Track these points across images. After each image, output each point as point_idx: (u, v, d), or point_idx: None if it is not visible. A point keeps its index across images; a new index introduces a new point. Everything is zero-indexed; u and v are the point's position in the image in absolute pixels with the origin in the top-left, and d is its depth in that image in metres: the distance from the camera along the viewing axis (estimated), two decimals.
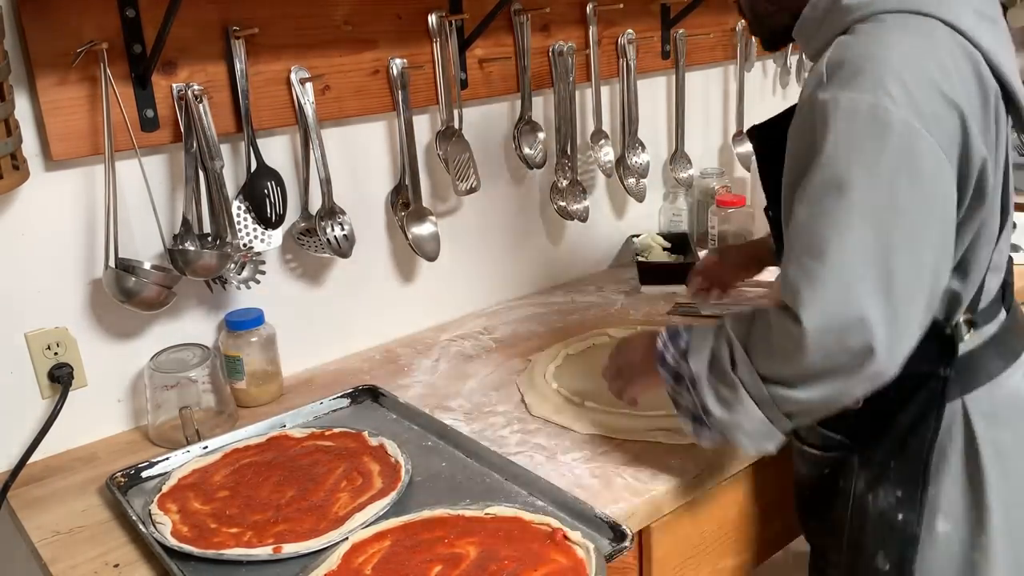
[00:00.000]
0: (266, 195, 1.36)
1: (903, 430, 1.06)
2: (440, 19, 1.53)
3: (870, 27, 0.93)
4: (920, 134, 0.87)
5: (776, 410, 0.98)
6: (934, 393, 1.03)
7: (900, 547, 1.07)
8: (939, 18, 0.93)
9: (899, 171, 0.88)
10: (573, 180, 1.80)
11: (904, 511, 1.07)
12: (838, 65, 0.92)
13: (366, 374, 1.51)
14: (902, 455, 1.06)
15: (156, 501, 1.11)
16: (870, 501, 1.09)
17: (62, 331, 1.27)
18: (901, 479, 1.06)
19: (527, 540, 1.00)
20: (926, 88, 0.89)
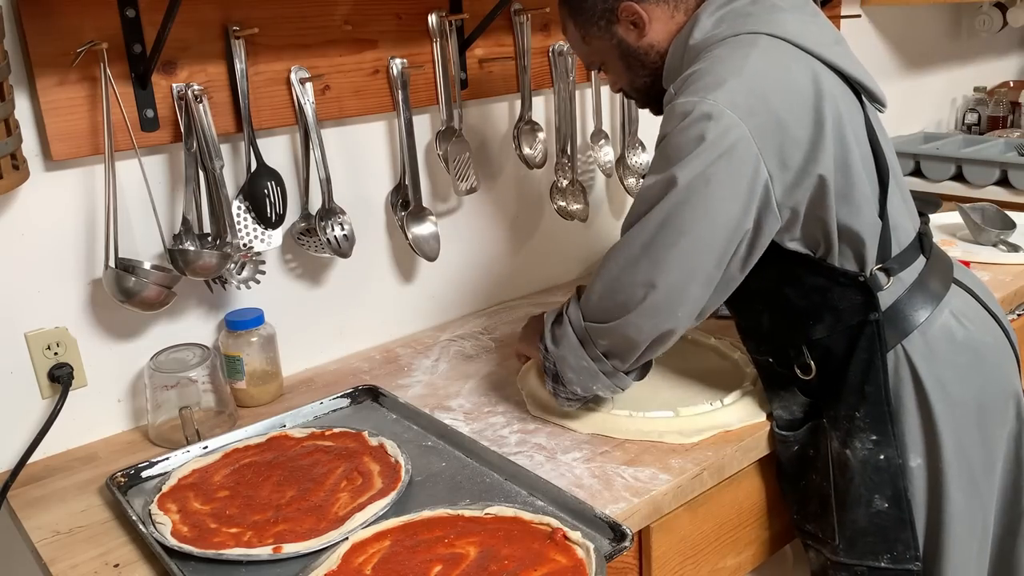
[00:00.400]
0: (266, 195, 1.36)
1: (857, 381, 1.16)
2: (440, 19, 1.53)
3: (707, 51, 1.11)
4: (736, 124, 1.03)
5: (592, 346, 1.16)
6: (872, 340, 1.15)
7: (891, 483, 1.17)
8: (765, 33, 1.09)
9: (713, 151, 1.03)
10: (573, 180, 1.80)
11: (883, 450, 1.17)
12: (681, 82, 1.10)
13: (366, 374, 1.51)
14: (865, 403, 1.17)
15: (156, 501, 1.11)
16: (849, 456, 1.18)
17: (62, 331, 1.27)
18: (870, 424, 1.17)
19: (527, 540, 1.00)
20: (748, 89, 1.04)
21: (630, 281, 1.10)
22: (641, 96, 1.27)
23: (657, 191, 1.07)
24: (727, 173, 1.04)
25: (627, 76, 1.24)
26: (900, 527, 1.18)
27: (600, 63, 1.26)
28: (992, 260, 1.85)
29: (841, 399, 1.18)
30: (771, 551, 1.39)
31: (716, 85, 1.04)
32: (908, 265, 1.19)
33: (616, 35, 1.20)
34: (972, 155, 2.46)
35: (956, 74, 2.93)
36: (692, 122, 1.04)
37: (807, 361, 1.20)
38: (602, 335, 1.15)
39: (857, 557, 1.21)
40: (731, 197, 1.05)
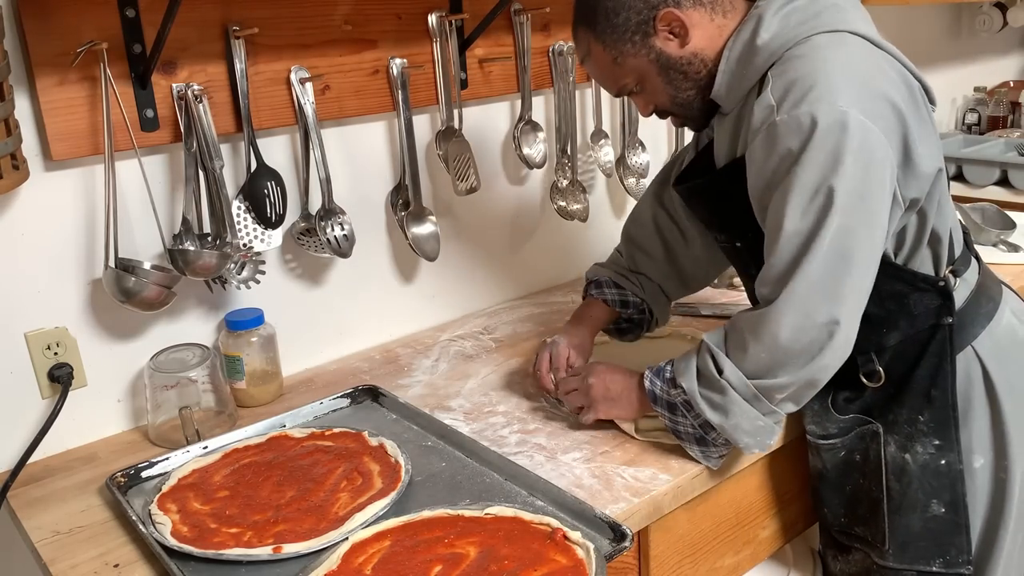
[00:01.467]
0: (266, 195, 1.36)
1: (924, 385, 1.14)
2: (440, 19, 1.53)
3: (798, 52, 1.04)
4: (870, 129, 0.98)
5: (765, 402, 1.08)
6: (943, 344, 1.13)
7: (951, 488, 1.15)
8: (846, 30, 1.05)
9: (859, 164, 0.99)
10: (573, 180, 1.80)
11: (945, 455, 1.15)
12: (786, 90, 1.01)
13: (366, 374, 1.51)
14: (930, 407, 1.15)
15: (156, 501, 1.11)
16: (909, 460, 1.16)
17: (62, 331, 1.27)
18: (934, 429, 1.15)
19: (527, 540, 1.00)
20: (865, 89, 1.00)
21: (811, 324, 1.02)
22: (684, 111, 1.18)
23: (814, 220, 1.00)
24: (877, 184, 1.00)
25: (668, 92, 1.15)
26: (955, 532, 1.16)
27: (635, 84, 1.16)
28: (992, 260, 1.85)
29: (904, 404, 1.16)
30: (769, 551, 1.39)
31: (834, 89, 0.99)
32: (968, 266, 1.18)
33: (654, 48, 1.11)
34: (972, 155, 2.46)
35: (956, 74, 2.93)
36: (826, 134, 0.98)
37: (876, 368, 1.16)
38: (781, 389, 1.07)
39: (908, 562, 1.18)
40: (883, 208, 1.01)
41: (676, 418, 1.13)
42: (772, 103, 1.02)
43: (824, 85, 0.99)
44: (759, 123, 1.03)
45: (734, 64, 1.10)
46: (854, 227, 1.00)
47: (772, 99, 1.02)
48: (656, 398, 1.15)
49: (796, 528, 1.43)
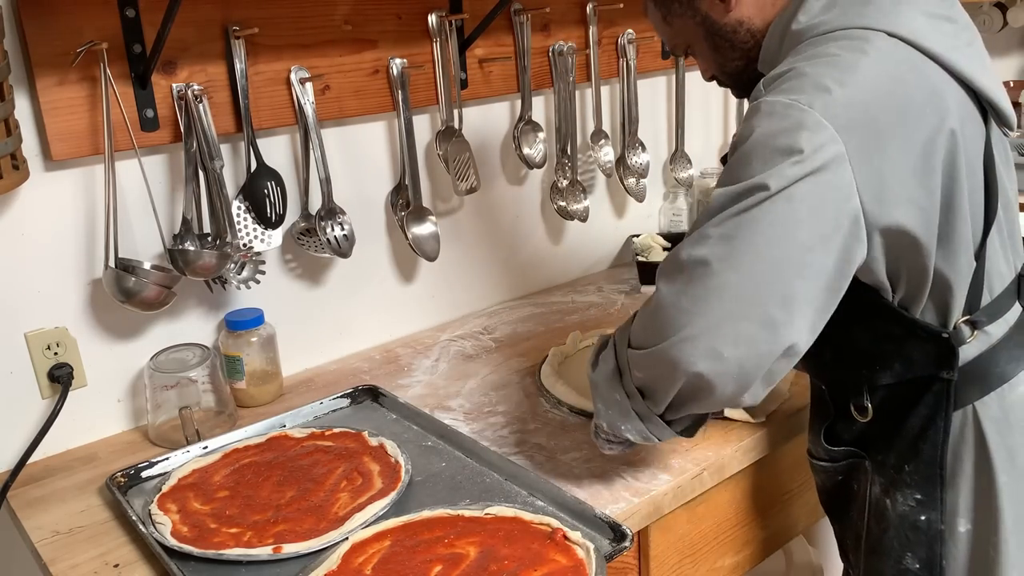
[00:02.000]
0: (266, 195, 1.36)
1: (913, 435, 1.04)
2: (440, 19, 1.53)
3: (811, 45, 0.96)
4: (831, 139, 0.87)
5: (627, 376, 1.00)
6: (940, 397, 1.02)
7: (927, 546, 1.06)
8: (882, 30, 0.93)
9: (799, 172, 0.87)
10: (573, 180, 1.80)
11: (926, 512, 1.06)
12: (774, 78, 0.95)
13: (366, 374, 1.51)
14: (916, 459, 1.05)
15: (156, 501, 1.11)
16: (888, 505, 1.08)
17: (62, 331, 1.27)
18: (917, 483, 1.06)
19: (527, 540, 1.00)
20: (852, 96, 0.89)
21: (675, 303, 0.92)
22: (734, 82, 1.12)
23: (728, 200, 0.90)
24: (814, 195, 0.87)
25: (716, 60, 1.10)
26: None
27: (686, 46, 1.12)
28: None
29: (892, 448, 1.07)
30: (769, 551, 1.39)
31: (816, 90, 0.89)
32: (999, 316, 1.04)
33: (699, 11, 1.06)
34: None
35: None
36: (783, 129, 0.88)
37: (865, 404, 1.07)
38: (638, 364, 0.98)
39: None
40: (810, 224, 0.88)
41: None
42: (760, 89, 0.96)
43: (810, 82, 0.90)
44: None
45: (774, 42, 1.03)
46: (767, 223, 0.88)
47: (762, 85, 0.96)
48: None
49: (796, 528, 1.43)
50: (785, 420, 1.28)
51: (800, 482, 1.39)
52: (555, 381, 1.37)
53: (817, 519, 1.47)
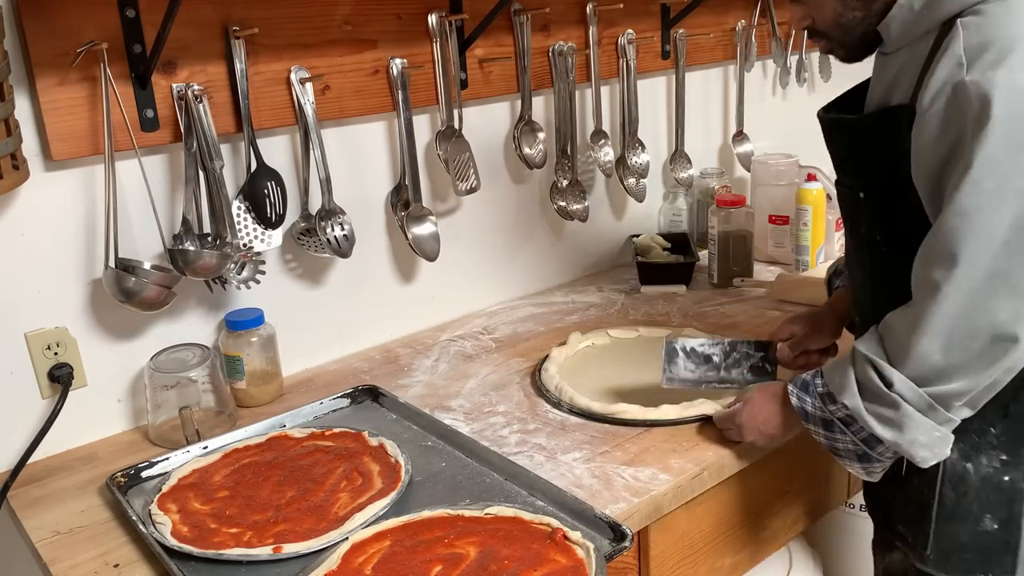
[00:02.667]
0: (266, 195, 1.36)
1: (1005, 397, 1.03)
2: (440, 19, 1.53)
3: (1000, 7, 0.93)
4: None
5: (941, 411, 0.99)
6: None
7: (1008, 506, 1.07)
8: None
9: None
10: (573, 180, 1.80)
11: (1010, 472, 1.07)
12: (981, 47, 0.91)
13: (366, 374, 1.51)
14: (1005, 420, 1.06)
15: (156, 501, 1.11)
16: (970, 470, 1.08)
17: (62, 331, 1.27)
18: (1004, 444, 1.06)
19: (527, 540, 1.00)
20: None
21: (990, 321, 0.93)
22: (841, 34, 1.08)
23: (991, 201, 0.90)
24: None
25: (835, 7, 1.05)
26: (1004, 550, 1.09)
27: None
28: None
29: (978, 413, 1.04)
30: (769, 551, 1.39)
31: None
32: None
33: None
34: None
35: None
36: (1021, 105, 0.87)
37: None
38: (959, 396, 0.98)
39: (947, 572, 1.12)
40: None
41: (834, 435, 1.08)
42: (962, 59, 0.91)
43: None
44: (942, 82, 0.94)
45: (919, 1, 0.98)
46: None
47: (963, 55, 0.91)
48: (808, 415, 1.10)
49: (796, 528, 1.43)
50: None
51: (800, 482, 1.39)
52: (556, 381, 1.38)
53: (817, 519, 1.47)
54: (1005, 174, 0.90)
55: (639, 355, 1.50)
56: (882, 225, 1.10)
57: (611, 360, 1.50)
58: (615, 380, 1.41)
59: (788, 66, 2.30)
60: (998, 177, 0.90)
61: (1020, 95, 0.88)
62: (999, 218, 0.91)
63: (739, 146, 2.19)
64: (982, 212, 0.91)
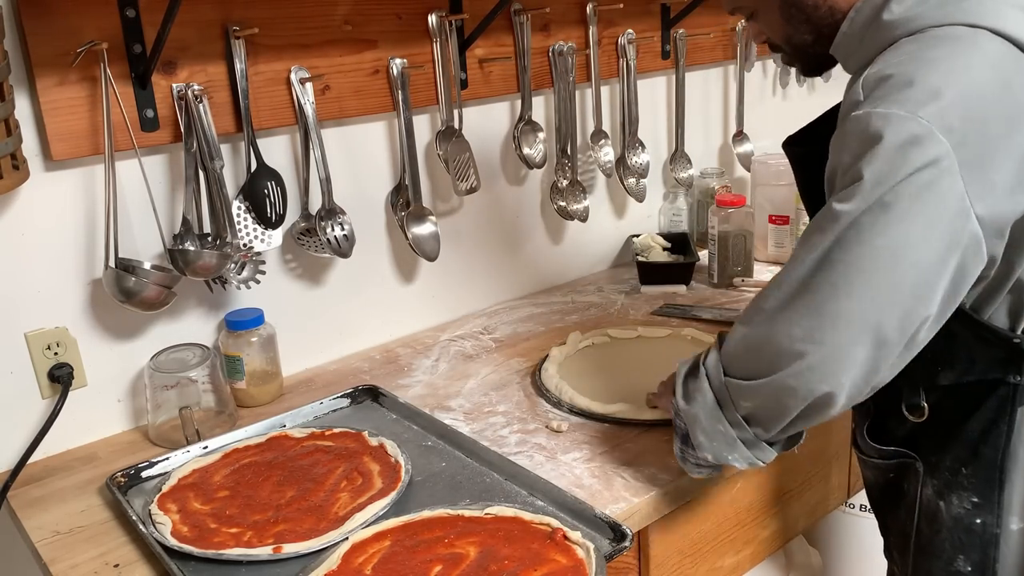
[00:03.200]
0: (266, 195, 1.36)
1: (974, 438, 1.02)
2: (440, 19, 1.53)
3: (913, 43, 0.91)
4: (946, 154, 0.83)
5: (731, 408, 0.99)
6: (1004, 401, 1.00)
7: (981, 549, 1.05)
8: (986, 27, 0.88)
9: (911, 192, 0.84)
10: (573, 180, 1.80)
11: (982, 515, 1.04)
12: (876, 82, 0.89)
13: (366, 374, 1.51)
14: (975, 462, 1.03)
15: (156, 501, 1.11)
16: (942, 508, 1.06)
17: (62, 331, 1.27)
18: (975, 486, 1.04)
19: (527, 540, 1.00)
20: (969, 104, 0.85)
21: (787, 333, 0.91)
22: (794, 53, 1.09)
23: (830, 221, 0.88)
24: (923, 213, 0.84)
25: (784, 30, 1.06)
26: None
27: (751, 10, 1.08)
28: None
29: (948, 451, 1.04)
30: (769, 551, 1.39)
31: (929, 98, 0.84)
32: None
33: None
34: None
35: None
36: (895, 146, 0.84)
37: (920, 403, 1.04)
38: (746, 395, 0.97)
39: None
40: (924, 241, 0.85)
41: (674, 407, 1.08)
42: (859, 95, 0.90)
43: (919, 88, 0.85)
44: (844, 112, 0.93)
45: (857, 29, 0.98)
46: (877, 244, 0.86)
47: (860, 90, 0.90)
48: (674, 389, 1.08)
49: (796, 528, 1.43)
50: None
51: (800, 482, 1.39)
52: (556, 381, 1.38)
53: (817, 519, 1.47)
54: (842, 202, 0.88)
55: (639, 355, 1.50)
56: None
57: (611, 360, 1.50)
58: (615, 380, 1.41)
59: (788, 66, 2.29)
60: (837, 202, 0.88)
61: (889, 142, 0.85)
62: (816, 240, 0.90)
63: (739, 146, 2.19)
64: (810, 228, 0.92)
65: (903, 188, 0.84)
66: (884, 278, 0.87)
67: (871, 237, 0.86)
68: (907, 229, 0.85)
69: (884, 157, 0.85)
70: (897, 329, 0.88)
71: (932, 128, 0.83)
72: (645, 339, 1.57)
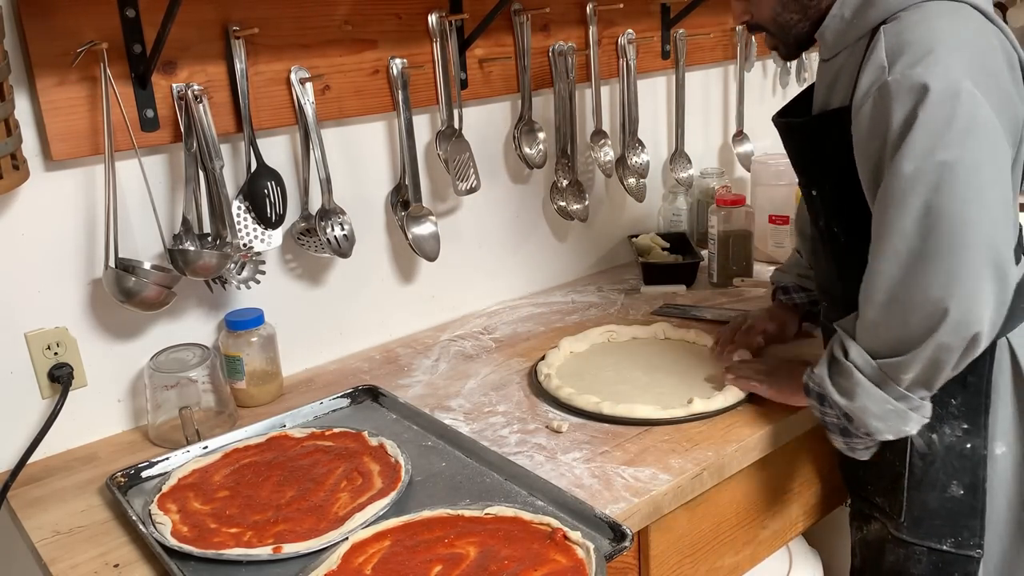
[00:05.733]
0: (266, 195, 1.36)
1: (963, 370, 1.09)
2: (440, 19, 1.53)
3: (915, 15, 1.03)
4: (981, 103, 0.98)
5: (892, 385, 1.07)
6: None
7: (972, 471, 1.16)
8: (966, 2, 1.04)
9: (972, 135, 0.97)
10: (573, 180, 1.80)
11: (972, 439, 1.16)
12: (899, 50, 1.01)
13: (366, 374, 1.51)
14: (964, 392, 1.14)
15: (156, 501, 1.11)
16: (935, 440, 1.17)
17: (62, 331, 1.27)
18: (964, 413, 1.15)
19: (527, 540, 1.00)
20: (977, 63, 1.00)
21: (921, 299, 1.01)
22: (779, 33, 1.19)
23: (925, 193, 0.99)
24: (989, 155, 0.99)
25: (773, 8, 1.15)
26: (971, 514, 1.18)
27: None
28: None
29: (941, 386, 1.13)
30: (769, 551, 1.39)
31: (950, 58, 0.99)
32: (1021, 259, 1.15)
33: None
34: None
35: None
36: (939, 100, 0.97)
37: None
38: (904, 368, 1.05)
39: (920, 537, 1.20)
40: (999, 181, 0.99)
41: (824, 408, 1.15)
42: (884, 63, 1.01)
43: (940, 52, 0.98)
44: (869, 84, 1.03)
45: (848, 11, 1.09)
46: (969, 196, 0.97)
47: (884, 58, 1.01)
48: (808, 389, 1.16)
49: (796, 528, 1.43)
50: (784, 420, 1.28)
51: (800, 482, 1.39)
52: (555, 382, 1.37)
53: (817, 519, 1.47)
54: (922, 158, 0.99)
55: (639, 355, 1.50)
56: (836, 218, 1.19)
57: (611, 360, 1.49)
58: (615, 380, 1.41)
59: (788, 66, 2.30)
60: (916, 161, 0.99)
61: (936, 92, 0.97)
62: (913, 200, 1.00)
63: (739, 146, 2.19)
64: (897, 195, 1.01)
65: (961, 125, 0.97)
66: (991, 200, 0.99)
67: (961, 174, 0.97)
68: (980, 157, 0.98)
69: (937, 107, 0.97)
70: (1007, 248, 1.01)
71: (966, 83, 0.97)
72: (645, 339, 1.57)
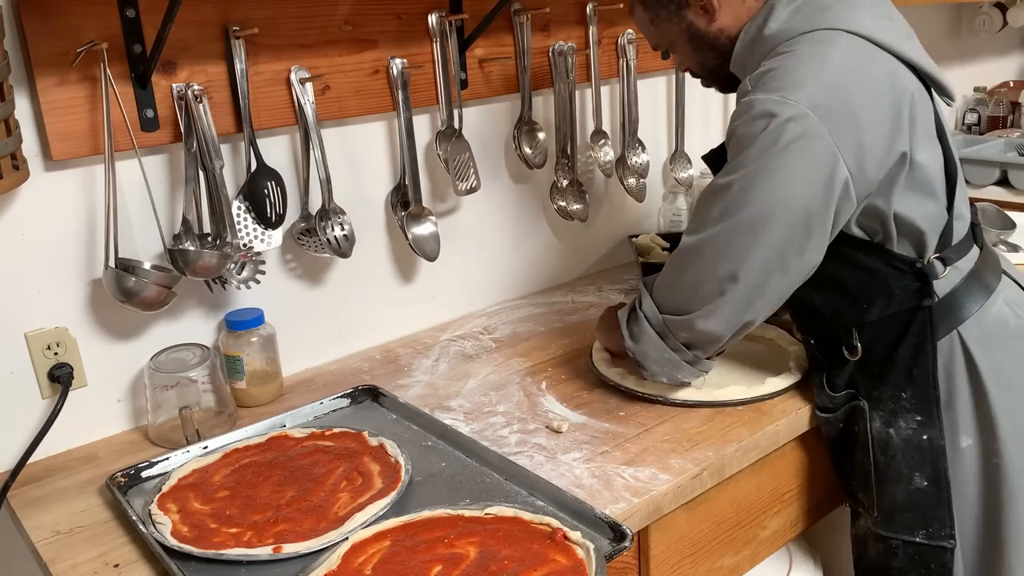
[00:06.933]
0: (266, 195, 1.36)
1: (907, 363, 1.20)
2: (440, 19, 1.53)
3: (787, 46, 1.13)
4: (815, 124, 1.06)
5: (671, 337, 1.22)
6: (924, 325, 1.19)
7: (932, 463, 1.21)
8: (843, 29, 1.11)
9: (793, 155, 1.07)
10: (573, 180, 1.80)
11: (927, 431, 1.21)
12: (759, 77, 1.11)
13: (366, 374, 1.51)
14: (912, 384, 1.20)
15: (156, 501, 1.11)
16: (892, 435, 1.22)
17: (62, 331, 1.27)
18: (916, 406, 1.21)
19: (527, 540, 1.00)
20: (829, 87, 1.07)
21: (708, 275, 1.14)
22: (709, 76, 1.31)
23: (727, 183, 1.11)
24: (800, 163, 1.07)
25: (695, 58, 1.27)
26: (937, 505, 1.21)
27: (668, 45, 1.29)
28: None
29: (888, 381, 1.22)
30: (769, 551, 1.39)
31: (797, 85, 1.07)
32: (964, 255, 1.22)
33: (685, 19, 1.22)
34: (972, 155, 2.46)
35: (956, 74, 2.93)
36: (776, 125, 1.06)
37: (855, 343, 1.23)
38: (681, 328, 1.20)
39: (894, 531, 1.25)
40: (806, 185, 1.07)
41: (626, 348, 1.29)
42: (747, 87, 1.12)
43: (789, 77, 1.08)
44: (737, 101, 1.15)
45: (745, 48, 1.20)
46: (767, 195, 1.08)
47: (748, 82, 1.12)
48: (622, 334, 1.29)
49: (796, 528, 1.43)
50: (785, 420, 1.28)
51: (800, 482, 1.39)
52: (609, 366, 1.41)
53: (817, 519, 1.47)
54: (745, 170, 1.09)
55: None
56: None
57: None
58: None
59: None
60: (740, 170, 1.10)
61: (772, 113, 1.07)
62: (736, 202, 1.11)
63: None
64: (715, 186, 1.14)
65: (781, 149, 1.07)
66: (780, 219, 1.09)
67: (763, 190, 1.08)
68: (793, 175, 1.07)
69: (768, 132, 1.07)
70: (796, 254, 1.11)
71: (803, 108, 1.06)
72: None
